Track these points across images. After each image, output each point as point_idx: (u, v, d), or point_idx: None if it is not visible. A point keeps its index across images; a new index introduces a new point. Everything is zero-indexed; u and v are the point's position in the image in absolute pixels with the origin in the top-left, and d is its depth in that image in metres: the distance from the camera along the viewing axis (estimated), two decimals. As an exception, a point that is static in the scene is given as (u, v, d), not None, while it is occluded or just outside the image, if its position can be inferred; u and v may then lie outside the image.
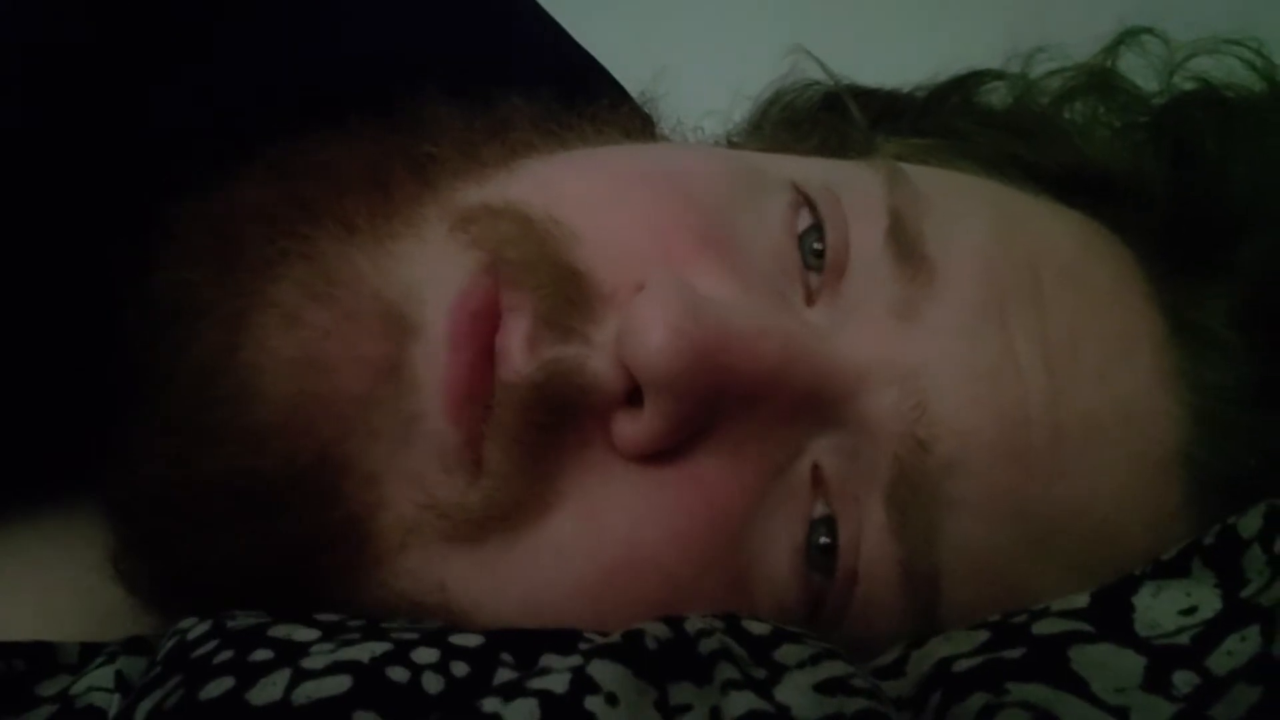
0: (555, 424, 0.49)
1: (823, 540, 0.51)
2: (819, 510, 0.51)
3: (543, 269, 0.50)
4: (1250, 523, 0.48)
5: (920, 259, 0.52)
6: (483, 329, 0.49)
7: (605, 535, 0.49)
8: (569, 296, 0.50)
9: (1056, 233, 0.57)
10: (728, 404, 0.49)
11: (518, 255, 0.50)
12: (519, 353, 0.49)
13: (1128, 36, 0.71)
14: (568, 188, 0.54)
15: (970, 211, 0.55)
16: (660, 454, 0.49)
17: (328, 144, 0.55)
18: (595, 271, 0.51)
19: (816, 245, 0.53)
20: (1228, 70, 0.67)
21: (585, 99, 0.61)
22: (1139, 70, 0.71)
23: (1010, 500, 0.51)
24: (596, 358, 0.49)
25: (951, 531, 0.51)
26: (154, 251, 0.53)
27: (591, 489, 0.49)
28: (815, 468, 0.51)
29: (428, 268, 0.51)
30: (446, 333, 0.49)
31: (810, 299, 0.53)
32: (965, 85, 0.73)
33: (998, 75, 0.73)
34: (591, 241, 0.51)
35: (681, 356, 0.47)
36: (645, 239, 0.52)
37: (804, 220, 0.54)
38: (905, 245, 0.53)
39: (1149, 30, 0.71)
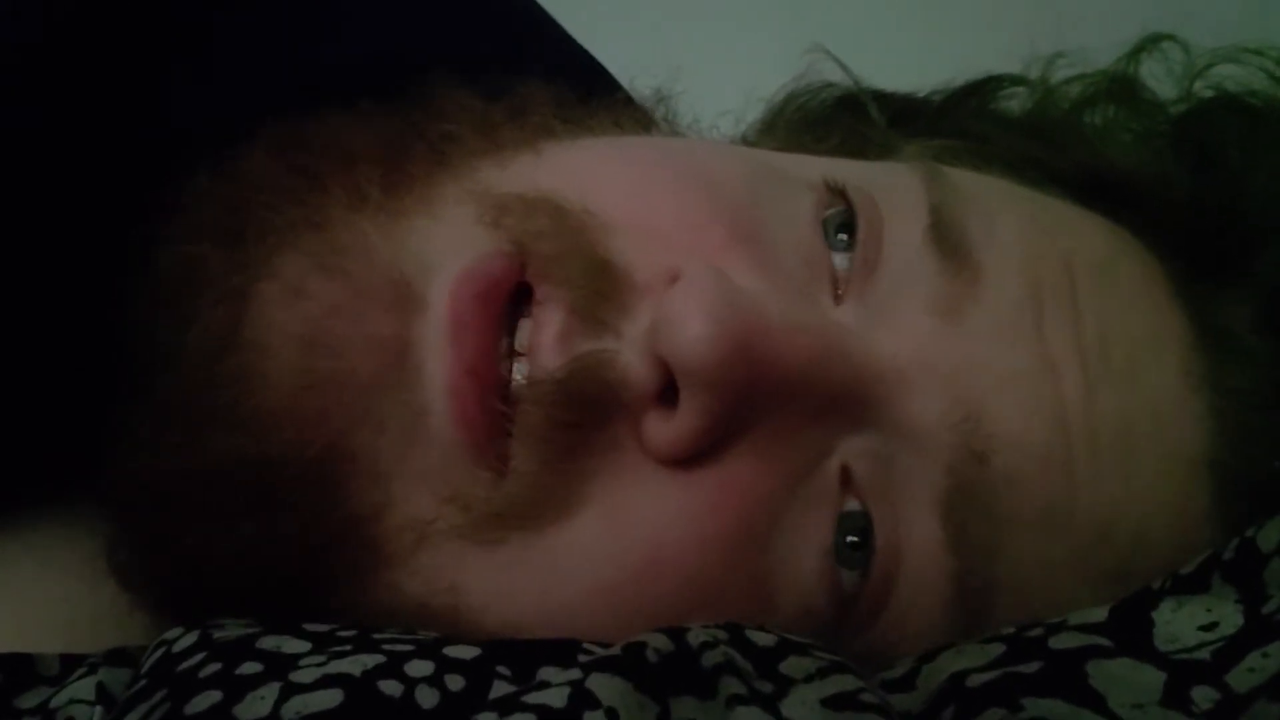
0: (584, 423, 0.48)
1: (851, 539, 0.50)
2: (849, 507, 0.50)
3: (576, 261, 0.49)
4: (1270, 536, 0.47)
5: (964, 256, 0.52)
6: (490, 313, 0.49)
7: (630, 537, 0.48)
8: (602, 289, 0.49)
9: (1085, 234, 0.57)
10: (760, 402, 0.48)
11: (551, 248, 0.49)
12: (550, 348, 0.48)
13: (1149, 43, 0.71)
14: (601, 178, 0.53)
15: (1005, 210, 0.55)
16: (691, 458, 0.48)
17: (339, 121, 0.55)
18: (628, 263, 0.50)
19: (842, 238, 0.53)
20: (1248, 79, 0.67)
21: (594, 96, 0.60)
22: (1160, 77, 0.70)
23: (1058, 509, 0.50)
24: (628, 352, 0.48)
25: (1009, 546, 0.50)
26: (160, 231, 0.52)
27: (618, 491, 0.48)
28: (844, 469, 0.50)
29: (442, 244, 0.50)
30: (448, 317, 0.48)
31: (838, 298, 0.52)
32: (983, 90, 0.73)
33: (1016, 80, 0.73)
34: (625, 233, 0.51)
35: (719, 347, 0.46)
36: (678, 231, 0.51)
37: (833, 218, 0.53)
38: (949, 242, 0.52)
39: (1170, 37, 0.70)
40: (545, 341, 0.48)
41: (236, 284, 0.49)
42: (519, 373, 0.49)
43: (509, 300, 0.49)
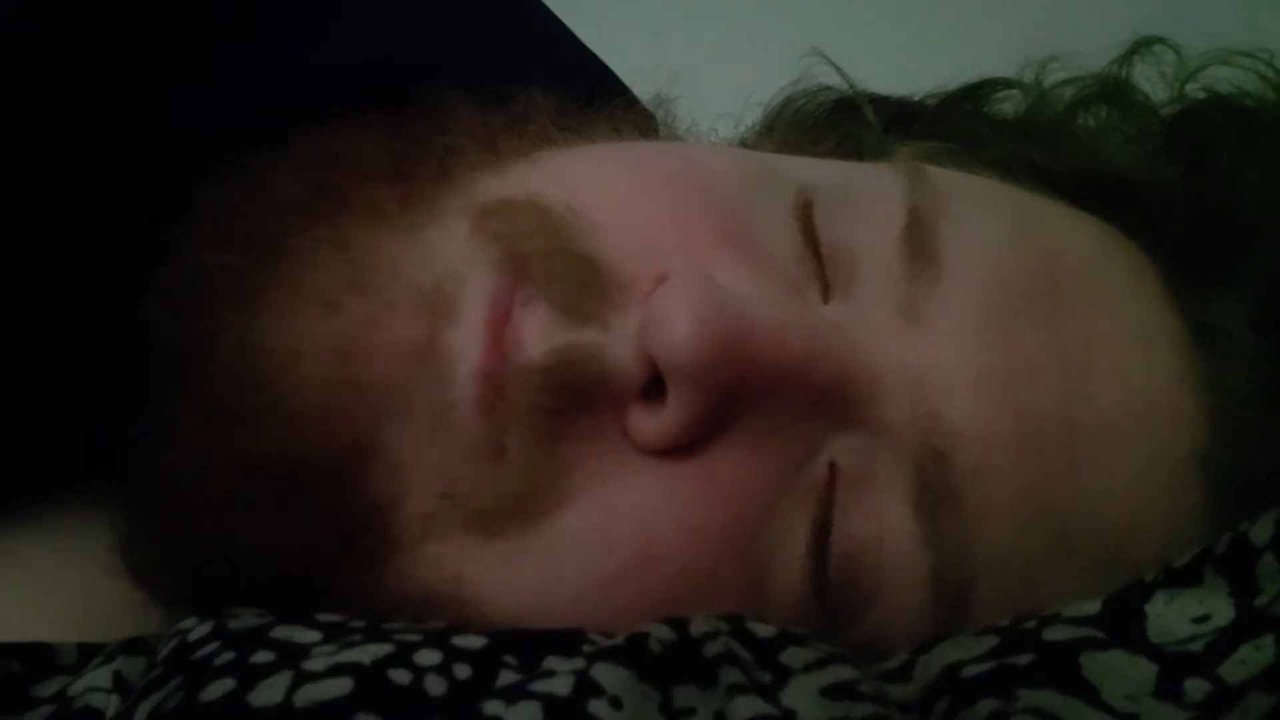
0: (567, 410, 0.48)
1: (837, 536, 0.50)
2: (835, 506, 0.51)
3: (558, 258, 0.50)
4: (1262, 531, 0.47)
5: (929, 259, 0.52)
6: (509, 320, 0.49)
7: (621, 528, 0.49)
8: (584, 283, 0.50)
9: (1074, 235, 0.57)
10: (748, 398, 0.49)
11: (535, 248, 0.50)
12: (531, 338, 0.49)
13: (1141, 46, 0.71)
14: (587, 179, 0.54)
15: (987, 213, 0.55)
16: (677, 449, 0.49)
17: (351, 135, 0.55)
18: (613, 260, 0.51)
19: (826, 241, 0.53)
20: (1239, 81, 0.67)
21: (597, 101, 0.61)
22: (1152, 79, 0.70)
23: (1034, 502, 0.51)
24: (616, 346, 0.49)
25: (984, 539, 0.50)
26: (176, 239, 0.53)
27: (607, 481, 0.49)
28: (832, 465, 0.51)
29: (457, 257, 0.51)
30: (483, 322, 0.49)
31: (826, 296, 0.53)
32: (977, 93, 0.73)
33: (1010, 84, 0.73)
34: (610, 231, 0.51)
35: (707, 346, 0.47)
36: (665, 230, 0.52)
37: (820, 217, 0.54)
38: (917, 245, 0.52)
39: (1162, 40, 0.71)
40: (528, 334, 0.49)
41: (268, 297, 0.50)
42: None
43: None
